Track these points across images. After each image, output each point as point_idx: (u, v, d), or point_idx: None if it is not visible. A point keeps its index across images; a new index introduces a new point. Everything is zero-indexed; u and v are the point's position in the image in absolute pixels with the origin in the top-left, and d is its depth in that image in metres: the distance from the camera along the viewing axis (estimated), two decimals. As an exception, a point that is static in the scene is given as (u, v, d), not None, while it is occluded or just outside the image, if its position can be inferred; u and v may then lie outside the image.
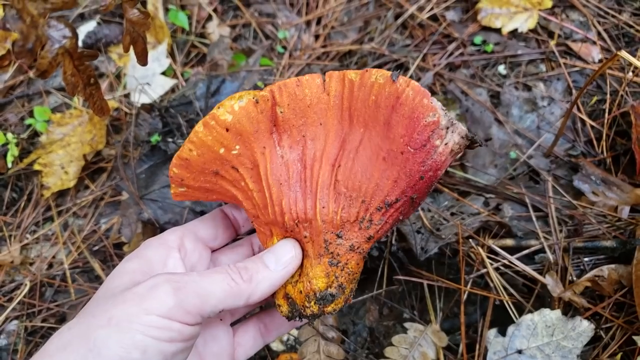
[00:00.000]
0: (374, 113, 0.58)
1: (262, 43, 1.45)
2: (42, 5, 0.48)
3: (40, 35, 0.49)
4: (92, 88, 0.56)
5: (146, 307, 0.51)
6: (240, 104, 0.56)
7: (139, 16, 0.54)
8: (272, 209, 0.60)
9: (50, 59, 0.50)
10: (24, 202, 1.32)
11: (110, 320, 0.50)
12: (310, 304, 0.62)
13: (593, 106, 1.27)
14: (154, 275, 0.56)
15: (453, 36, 1.38)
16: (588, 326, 1.00)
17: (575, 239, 1.08)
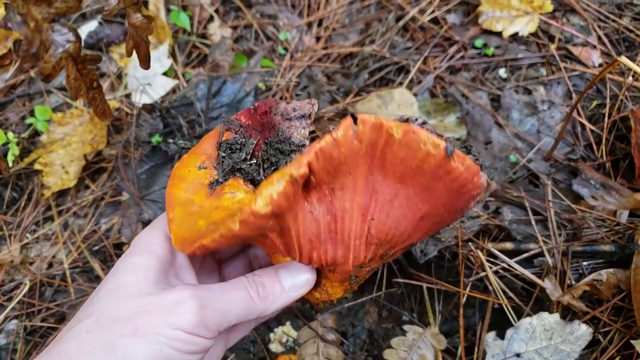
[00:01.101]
0: (415, 175, 0.55)
1: (264, 44, 1.45)
2: (46, 10, 0.48)
3: (45, 40, 0.49)
4: (94, 92, 0.56)
5: (172, 322, 0.52)
6: (279, 189, 0.51)
7: (142, 20, 0.54)
8: (300, 256, 0.60)
9: (54, 63, 0.50)
10: (24, 202, 1.32)
11: (137, 330, 0.51)
12: (325, 304, 0.69)
13: (593, 110, 1.27)
14: (179, 288, 0.55)
15: (454, 39, 1.38)
16: (586, 330, 1.01)
17: (574, 243, 1.08)
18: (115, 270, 0.60)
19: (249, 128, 0.70)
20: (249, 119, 0.70)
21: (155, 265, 0.60)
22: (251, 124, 0.70)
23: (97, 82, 0.57)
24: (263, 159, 0.68)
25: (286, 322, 1.16)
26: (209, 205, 0.59)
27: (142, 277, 0.58)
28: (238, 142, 0.68)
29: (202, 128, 1.24)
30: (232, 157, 0.66)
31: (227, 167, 0.65)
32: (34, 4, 0.48)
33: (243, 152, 0.67)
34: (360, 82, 1.35)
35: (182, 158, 0.68)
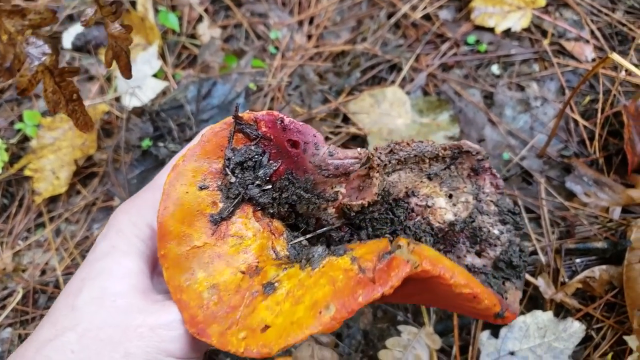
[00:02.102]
0: (447, 299, 0.56)
1: (254, 44, 1.44)
2: (19, 23, 0.47)
3: (19, 53, 0.48)
4: (74, 104, 0.55)
5: (165, 349, 0.50)
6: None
7: (120, 31, 0.53)
8: None
9: (29, 76, 0.49)
10: (15, 208, 1.32)
11: (128, 356, 0.49)
12: None
13: (586, 106, 1.27)
14: (171, 308, 0.52)
15: (446, 36, 1.37)
16: (579, 327, 1.01)
17: (567, 241, 1.08)
18: (97, 270, 0.55)
19: (268, 141, 0.57)
20: (272, 131, 0.56)
21: (142, 269, 0.56)
22: (273, 139, 0.57)
23: (76, 94, 0.56)
24: (281, 189, 0.57)
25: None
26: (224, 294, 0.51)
27: (130, 287, 0.54)
28: (254, 158, 0.56)
29: (192, 131, 1.23)
30: (244, 176, 0.56)
31: (236, 196, 0.55)
32: (6, 16, 0.47)
33: (259, 173, 0.56)
34: (352, 81, 1.34)
35: (179, 165, 0.56)
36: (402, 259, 0.45)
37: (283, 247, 0.57)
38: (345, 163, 0.56)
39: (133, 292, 0.54)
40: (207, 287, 0.52)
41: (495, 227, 0.59)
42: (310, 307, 0.46)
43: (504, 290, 0.57)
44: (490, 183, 0.61)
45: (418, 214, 0.61)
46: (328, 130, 1.28)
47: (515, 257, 0.58)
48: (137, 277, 0.55)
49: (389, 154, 0.58)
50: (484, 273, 0.58)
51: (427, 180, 0.61)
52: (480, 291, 0.49)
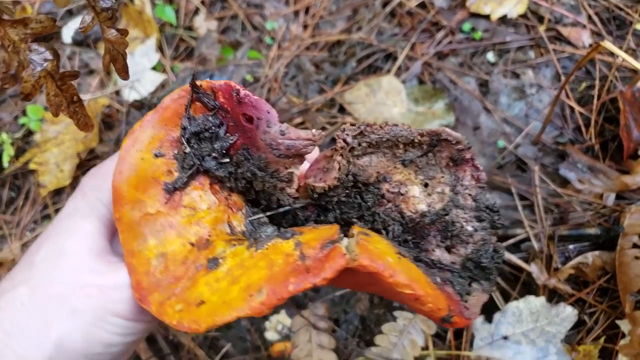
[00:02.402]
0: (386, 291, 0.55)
1: (250, 35, 1.45)
2: (22, 31, 0.49)
3: (22, 61, 0.50)
4: (75, 105, 0.58)
5: (113, 310, 0.51)
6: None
7: (116, 36, 0.55)
8: None
9: (33, 82, 0.52)
10: (22, 201, 1.35)
11: (74, 313, 0.50)
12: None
13: (582, 92, 1.28)
14: (122, 270, 0.52)
15: (441, 24, 1.38)
16: (572, 312, 1.03)
17: (560, 227, 1.10)
18: (57, 230, 0.56)
19: (225, 113, 0.55)
20: (229, 103, 0.54)
21: (101, 232, 0.57)
22: (230, 111, 0.55)
23: (77, 96, 0.58)
24: (238, 163, 0.56)
25: (281, 310, 1.19)
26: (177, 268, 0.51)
27: (86, 248, 0.54)
28: (210, 129, 0.55)
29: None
30: (200, 147, 0.55)
31: (190, 167, 0.54)
32: (10, 26, 0.49)
33: (216, 145, 0.55)
34: (348, 70, 1.36)
35: (136, 130, 0.54)
36: (340, 251, 0.44)
37: (240, 223, 0.56)
38: (297, 144, 0.53)
39: (87, 252, 0.54)
40: (156, 254, 0.51)
41: (469, 224, 0.56)
42: (244, 288, 0.45)
43: (468, 292, 0.53)
44: (471, 175, 0.57)
45: (390, 201, 0.58)
46: (324, 121, 1.30)
47: (486, 258, 0.54)
48: (94, 239, 0.56)
49: (359, 136, 0.54)
50: (450, 270, 0.55)
51: (401, 166, 0.57)
52: (423, 293, 0.46)
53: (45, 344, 0.49)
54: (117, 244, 0.59)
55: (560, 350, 1.02)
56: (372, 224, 0.58)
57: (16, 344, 0.49)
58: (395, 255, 0.48)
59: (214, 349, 1.14)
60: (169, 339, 1.16)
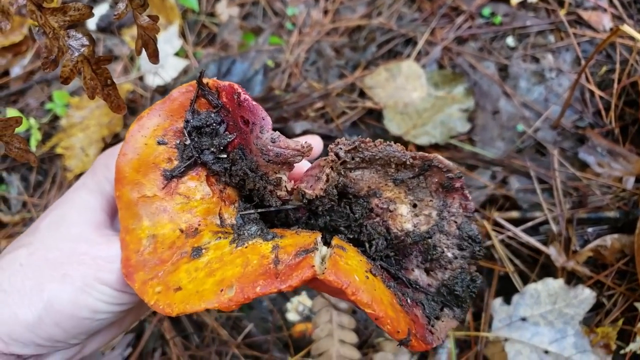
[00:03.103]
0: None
1: (271, 21, 1.47)
2: (61, 19, 0.52)
3: (62, 46, 0.52)
4: (109, 89, 0.60)
5: (101, 278, 0.54)
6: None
7: (148, 22, 0.57)
8: None
9: (71, 66, 0.54)
10: (49, 184, 1.39)
11: (65, 277, 0.53)
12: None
13: (602, 76, 1.27)
14: (115, 243, 0.55)
15: (461, 9, 1.38)
16: (590, 294, 1.04)
17: (579, 210, 1.11)
18: (64, 200, 0.61)
19: (227, 112, 0.58)
20: (230, 103, 0.57)
21: (103, 207, 0.61)
22: (231, 111, 0.58)
23: (110, 79, 0.61)
24: (233, 160, 0.59)
25: (302, 292, 1.22)
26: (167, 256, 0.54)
27: (86, 219, 0.58)
28: (211, 125, 0.58)
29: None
30: (200, 141, 0.58)
31: (189, 158, 0.57)
32: (50, 14, 0.51)
33: (214, 142, 0.58)
34: (368, 55, 1.37)
35: (143, 117, 0.58)
36: (310, 262, 0.46)
37: (232, 216, 0.59)
38: (285, 153, 0.55)
39: (86, 223, 0.58)
40: (147, 235, 0.54)
41: (450, 250, 0.58)
42: (218, 282, 0.48)
43: (437, 316, 0.55)
44: (460, 204, 0.59)
45: (378, 215, 0.60)
46: (344, 105, 1.31)
47: (461, 286, 0.56)
48: (94, 212, 0.59)
49: (352, 150, 0.56)
50: (424, 293, 0.56)
51: (392, 184, 0.59)
52: (383, 315, 0.47)
53: (36, 303, 0.52)
54: (117, 221, 0.62)
55: (579, 332, 1.03)
56: (358, 234, 0.60)
57: (11, 300, 0.53)
58: (363, 274, 0.49)
59: (236, 329, 1.18)
60: (193, 319, 1.19)
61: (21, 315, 0.52)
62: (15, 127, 0.60)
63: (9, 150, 0.59)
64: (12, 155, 0.60)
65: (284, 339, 1.16)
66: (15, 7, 0.48)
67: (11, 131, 0.60)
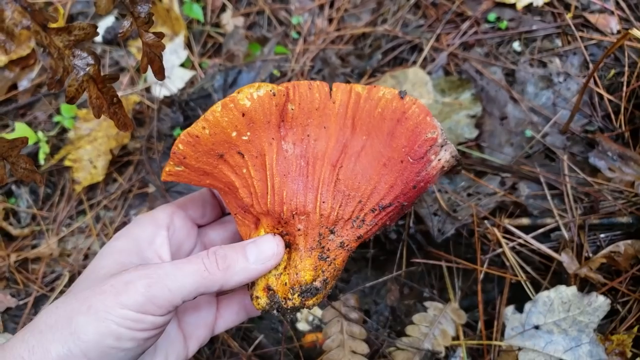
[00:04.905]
0: (378, 124, 0.62)
1: (276, 30, 1.47)
2: (66, 39, 0.52)
3: (67, 66, 0.52)
4: (115, 107, 0.60)
5: (121, 302, 0.56)
6: (259, 93, 0.59)
7: (154, 39, 0.57)
8: (272, 198, 0.63)
9: (77, 86, 0.54)
10: (58, 197, 1.39)
11: (90, 308, 0.56)
12: (294, 296, 0.65)
13: (611, 79, 1.26)
14: (131, 269, 0.59)
15: (467, 14, 1.37)
16: (604, 301, 1.03)
17: (591, 216, 1.09)
18: (99, 254, 0.67)
19: None
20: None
21: (130, 248, 0.66)
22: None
23: (116, 97, 0.61)
24: None
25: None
26: None
27: (114, 261, 0.64)
28: None
29: (220, 119, 1.27)
30: None
31: None
32: (55, 34, 0.51)
33: None
34: (374, 62, 1.36)
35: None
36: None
37: None
38: None
39: (115, 264, 0.65)
40: None
41: None
42: None
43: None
44: None
45: None
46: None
47: None
48: (121, 254, 0.67)
49: None
50: None
51: None
52: (377, 85, 0.63)
53: (66, 336, 0.55)
54: (152, 255, 0.70)
55: (593, 340, 1.02)
56: None
57: (45, 338, 0.55)
58: None
59: (247, 340, 1.17)
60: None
61: (53, 351, 0.54)
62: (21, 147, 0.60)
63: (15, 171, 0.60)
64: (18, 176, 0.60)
65: (295, 350, 1.15)
66: (19, 28, 0.48)
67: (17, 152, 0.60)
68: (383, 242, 1.18)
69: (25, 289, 1.29)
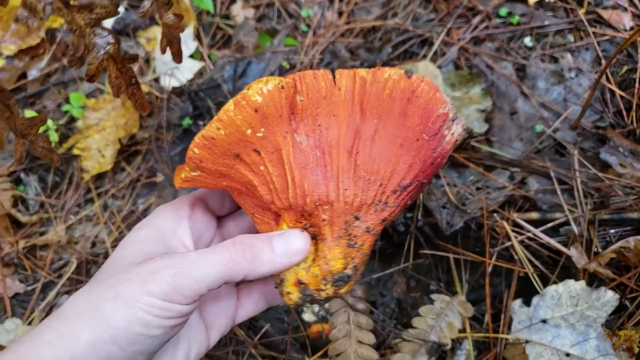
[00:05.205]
0: (388, 105, 0.62)
1: (286, 22, 1.47)
2: (88, 16, 0.52)
3: (88, 44, 0.52)
4: (133, 88, 0.60)
5: (147, 290, 0.56)
6: (268, 87, 0.58)
7: (174, 20, 0.57)
8: (294, 191, 0.63)
9: (97, 64, 0.54)
10: (66, 185, 1.40)
11: (117, 295, 0.56)
12: (327, 286, 0.65)
13: (623, 76, 1.25)
14: (157, 258, 0.60)
15: (478, 9, 1.37)
16: (613, 296, 1.03)
17: (601, 212, 1.09)
18: (122, 244, 0.67)
19: None
20: None
21: (153, 238, 0.66)
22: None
23: (134, 78, 0.61)
24: None
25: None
26: None
27: (138, 250, 0.64)
28: None
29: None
30: None
31: None
32: (77, 11, 0.51)
33: None
34: (383, 56, 1.36)
35: None
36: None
37: None
38: None
39: (139, 253, 0.64)
40: None
41: None
42: None
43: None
44: None
45: None
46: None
47: None
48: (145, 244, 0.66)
49: None
50: None
51: None
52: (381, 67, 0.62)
53: (94, 322, 0.55)
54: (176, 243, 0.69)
55: (601, 335, 1.02)
56: None
57: (72, 325, 0.56)
58: None
59: (253, 329, 1.17)
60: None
61: (82, 337, 0.54)
62: (40, 125, 0.60)
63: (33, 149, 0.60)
64: (36, 154, 0.61)
65: (301, 340, 1.15)
66: (42, 4, 0.48)
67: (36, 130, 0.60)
68: (390, 235, 1.18)
69: (33, 275, 1.29)
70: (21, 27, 1.47)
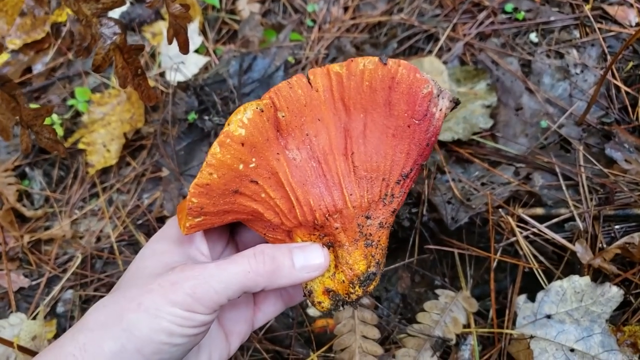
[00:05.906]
0: (371, 97, 0.60)
1: (292, 17, 1.46)
2: (94, 6, 0.52)
3: (95, 34, 0.53)
4: (139, 78, 0.60)
5: (170, 300, 0.57)
6: (248, 116, 0.57)
7: (180, 10, 0.57)
8: (301, 210, 0.63)
9: (103, 54, 0.54)
10: (71, 180, 1.40)
11: (140, 306, 0.57)
12: (355, 288, 0.65)
13: (629, 72, 1.25)
14: (177, 269, 0.60)
15: (483, 4, 1.36)
16: (617, 292, 1.02)
17: (606, 207, 1.09)
18: (140, 256, 0.68)
19: None
20: None
21: (171, 249, 0.67)
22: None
23: (141, 69, 0.61)
24: None
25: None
26: None
27: (157, 261, 0.65)
28: None
29: (235, 105, 1.28)
30: None
31: None
32: (83, 1, 0.51)
33: None
34: (389, 51, 1.36)
35: None
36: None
37: None
38: None
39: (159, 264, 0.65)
40: None
41: None
42: None
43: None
44: None
45: None
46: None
47: None
48: (163, 255, 0.67)
49: None
50: None
51: None
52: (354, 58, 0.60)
53: (118, 332, 0.56)
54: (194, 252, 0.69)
55: (605, 330, 1.01)
56: None
57: (96, 335, 0.56)
58: None
59: (257, 324, 1.18)
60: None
61: (106, 347, 0.55)
62: (46, 116, 0.61)
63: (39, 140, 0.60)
64: (42, 145, 0.61)
65: (306, 335, 1.15)
66: (51, -7, 0.48)
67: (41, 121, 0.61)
68: (396, 230, 1.18)
69: (38, 270, 1.30)
70: (26, 21, 1.47)
